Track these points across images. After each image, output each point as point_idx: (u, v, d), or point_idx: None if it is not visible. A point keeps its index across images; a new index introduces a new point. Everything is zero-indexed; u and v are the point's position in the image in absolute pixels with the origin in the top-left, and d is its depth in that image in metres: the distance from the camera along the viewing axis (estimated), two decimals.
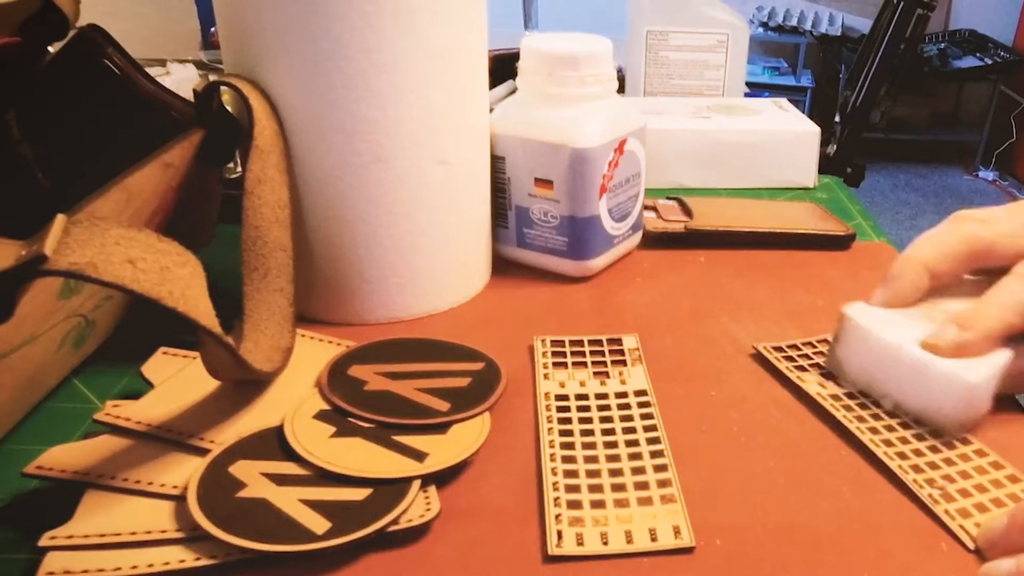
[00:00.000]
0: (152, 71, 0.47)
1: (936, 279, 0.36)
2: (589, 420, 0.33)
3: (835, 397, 0.35)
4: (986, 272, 0.37)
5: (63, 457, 0.29)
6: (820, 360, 0.37)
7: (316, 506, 0.28)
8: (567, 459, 0.31)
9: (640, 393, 0.35)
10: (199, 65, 0.70)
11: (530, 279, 0.46)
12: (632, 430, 0.33)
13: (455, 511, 0.29)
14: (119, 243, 0.26)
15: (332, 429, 0.32)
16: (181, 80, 0.65)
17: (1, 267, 0.25)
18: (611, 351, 0.38)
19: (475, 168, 0.43)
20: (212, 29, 0.93)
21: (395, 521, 0.27)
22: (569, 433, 0.33)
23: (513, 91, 0.46)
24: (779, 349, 0.38)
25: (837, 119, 2.54)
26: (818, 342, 0.39)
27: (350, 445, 0.31)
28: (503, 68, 0.66)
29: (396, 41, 0.37)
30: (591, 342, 0.39)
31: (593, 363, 0.37)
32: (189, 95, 0.40)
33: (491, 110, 0.45)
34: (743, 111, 0.64)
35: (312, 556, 0.26)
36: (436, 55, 0.38)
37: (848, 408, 0.34)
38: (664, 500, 0.29)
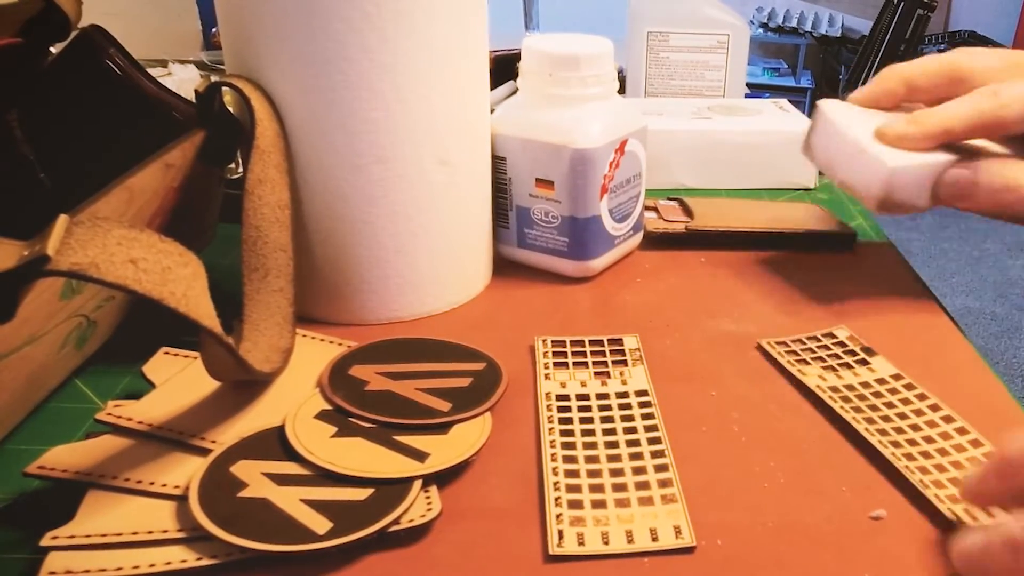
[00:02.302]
0: (154, 72, 0.47)
1: (912, 92, 0.40)
2: (590, 420, 0.33)
3: (834, 389, 0.35)
4: None
5: (65, 457, 0.29)
6: (823, 354, 0.38)
7: (317, 506, 0.28)
8: (568, 459, 0.31)
9: (641, 393, 0.35)
10: (200, 66, 0.70)
11: (531, 279, 0.46)
12: (633, 430, 0.33)
13: (456, 511, 0.29)
14: (121, 243, 0.26)
15: (333, 429, 0.32)
16: (182, 80, 0.65)
17: (3, 267, 0.25)
18: (612, 351, 0.38)
19: (476, 168, 0.43)
20: (213, 30, 0.93)
21: (396, 521, 0.27)
22: (570, 433, 0.33)
23: (514, 92, 0.46)
24: (782, 344, 0.39)
25: None
26: (822, 336, 0.39)
27: (351, 445, 0.31)
28: (504, 69, 0.67)
29: (398, 42, 0.37)
30: (592, 342, 0.39)
31: (594, 363, 0.37)
32: (190, 95, 0.40)
33: (492, 111, 0.45)
34: (744, 112, 0.64)
35: (313, 556, 0.26)
36: (437, 56, 0.38)
37: (846, 400, 0.34)
38: (665, 500, 0.29)
